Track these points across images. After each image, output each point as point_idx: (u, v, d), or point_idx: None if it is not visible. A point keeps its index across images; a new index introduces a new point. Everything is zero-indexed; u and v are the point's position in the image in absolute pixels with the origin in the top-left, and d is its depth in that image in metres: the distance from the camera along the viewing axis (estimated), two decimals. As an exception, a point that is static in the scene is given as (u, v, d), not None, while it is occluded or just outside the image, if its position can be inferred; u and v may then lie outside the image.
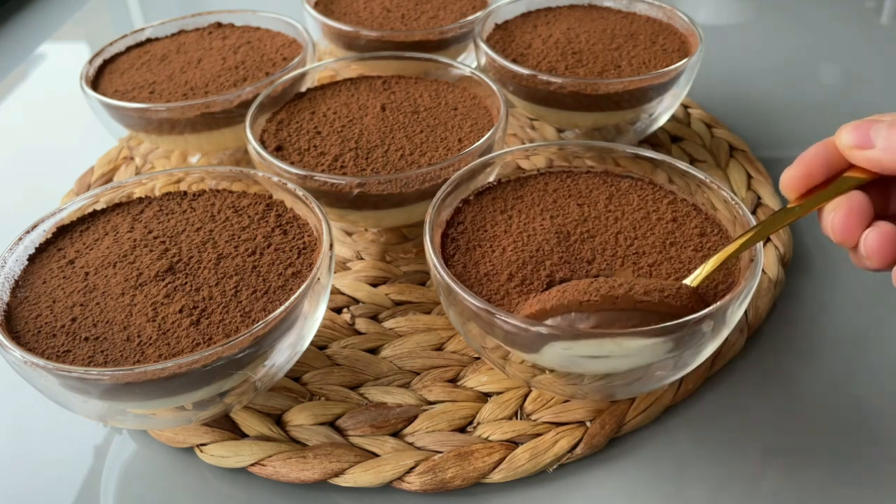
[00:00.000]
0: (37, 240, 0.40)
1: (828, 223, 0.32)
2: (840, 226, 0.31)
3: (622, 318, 0.33)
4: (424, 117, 0.49)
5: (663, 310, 0.33)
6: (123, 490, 0.38)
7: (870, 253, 0.31)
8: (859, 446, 0.38)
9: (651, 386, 0.37)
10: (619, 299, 0.33)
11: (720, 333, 0.35)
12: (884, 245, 0.30)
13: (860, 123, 0.32)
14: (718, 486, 0.37)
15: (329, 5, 0.65)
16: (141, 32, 0.60)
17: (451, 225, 0.40)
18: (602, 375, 0.37)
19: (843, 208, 0.31)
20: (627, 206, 0.41)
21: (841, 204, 0.31)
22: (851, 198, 0.31)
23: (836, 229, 0.32)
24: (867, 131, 0.31)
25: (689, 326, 0.32)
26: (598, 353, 0.32)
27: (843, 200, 0.32)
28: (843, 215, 0.31)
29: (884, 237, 0.30)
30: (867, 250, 0.31)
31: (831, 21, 0.83)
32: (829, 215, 0.32)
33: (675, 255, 0.37)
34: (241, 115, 0.50)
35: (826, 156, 0.33)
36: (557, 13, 0.60)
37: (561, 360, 0.33)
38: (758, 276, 0.34)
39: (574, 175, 0.43)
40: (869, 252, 0.31)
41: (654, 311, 0.33)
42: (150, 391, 0.33)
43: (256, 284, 0.36)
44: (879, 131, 0.31)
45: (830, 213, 0.32)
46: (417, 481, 0.37)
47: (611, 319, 0.33)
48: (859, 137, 0.31)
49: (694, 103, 0.64)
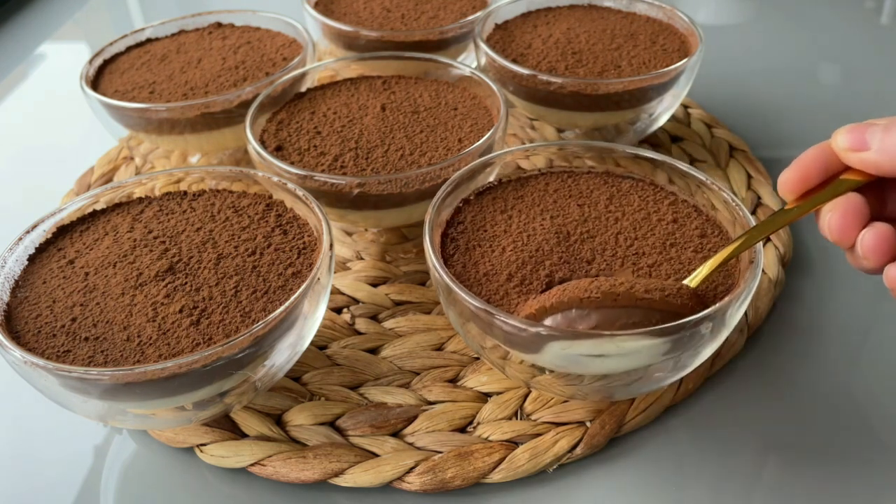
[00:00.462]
0: (37, 240, 0.40)
1: (825, 224, 0.32)
2: (837, 226, 0.32)
3: (623, 315, 0.33)
4: (424, 117, 0.49)
5: (664, 308, 0.33)
6: (123, 490, 0.38)
7: (866, 253, 0.31)
8: (859, 446, 0.38)
9: (651, 387, 0.37)
10: (619, 296, 0.33)
11: (719, 335, 0.35)
12: (880, 245, 0.31)
13: (856, 126, 0.32)
14: (718, 485, 0.37)
15: (329, 5, 0.65)
16: (141, 32, 0.60)
17: (451, 225, 0.40)
18: (601, 376, 0.37)
19: (840, 209, 0.32)
20: (628, 207, 0.41)
21: (838, 205, 0.32)
22: (848, 199, 0.32)
23: (834, 230, 0.32)
24: (863, 134, 0.32)
25: (688, 328, 0.32)
26: (597, 353, 0.33)
27: (840, 202, 0.32)
28: (839, 216, 0.32)
29: (880, 237, 0.31)
30: (864, 250, 0.31)
31: (831, 21, 0.83)
32: (826, 216, 0.32)
33: (676, 256, 0.37)
34: (241, 115, 0.50)
35: (823, 158, 0.33)
36: (557, 13, 0.60)
37: (560, 359, 0.33)
38: (757, 277, 0.34)
39: (574, 175, 0.43)
40: (865, 252, 0.31)
41: (655, 309, 0.33)
42: (150, 391, 0.33)
43: (256, 284, 0.36)
44: (875, 134, 0.31)
45: (828, 213, 0.32)
46: (417, 481, 0.37)
47: (611, 317, 0.33)
48: (855, 140, 0.32)
49: (694, 103, 0.64)
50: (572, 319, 0.33)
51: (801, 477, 0.37)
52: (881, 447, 0.38)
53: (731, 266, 0.37)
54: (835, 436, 0.39)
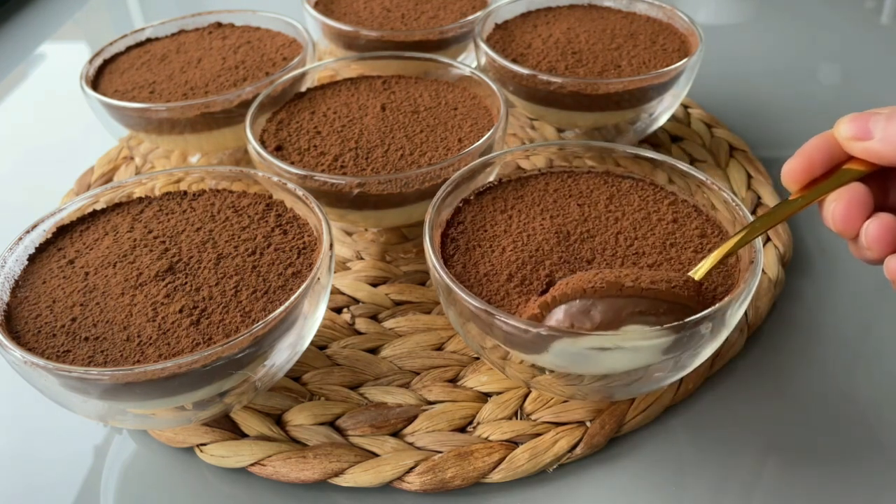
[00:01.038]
0: (37, 240, 0.40)
1: (829, 214, 0.32)
2: (841, 216, 0.32)
3: (629, 305, 0.33)
4: (424, 117, 0.49)
5: (670, 299, 0.33)
6: (123, 490, 0.38)
7: (870, 243, 0.31)
8: (859, 446, 0.38)
9: (651, 387, 0.37)
10: (624, 287, 0.33)
11: (719, 335, 0.35)
12: (884, 235, 0.31)
13: (859, 115, 0.32)
14: (718, 485, 0.37)
15: (329, 5, 0.65)
16: (141, 32, 0.60)
17: (451, 225, 0.40)
18: (601, 376, 0.37)
19: (844, 199, 0.32)
20: (628, 207, 0.41)
21: (842, 195, 0.32)
22: (852, 189, 0.32)
23: (838, 220, 0.32)
24: (866, 123, 0.32)
25: (689, 328, 0.32)
26: (602, 346, 0.32)
27: (844, 192, 0.32)
28: (844, 206, 0.32)
29: (884, 227, 0.31)
30: (868, 240, 0.31)
31: (831, 21, 0.83)
32: (829, 206, 0.32)
33: (675, 256, 0.37)
34: (241, 115, 0.50)
35: (826, 148, 0.33)
36: (557, 13, 0.60)
37: (562, 358, 0.33)
38: (757, 276, 0.34)
39: (574, 175, 0.43)
40: (870, 242, 0.31)
41: (661, 300, 0.33)
42: (150, 391, 0.33)
43: (256, 284, 0.36)
44: (878, 123, 0.31)
45: (831, 203, 0.32)
46: (417, 481, 0.37)
47: (617, 306, 0.33)
48: (858, 129, 0.32)
49: (694, 103, 0.64)
50: (577, 310, 0.33)
51: (801, 477, 0.37)
52: (881, 447, 0.38)
53: (730, 266, 0.37)
54: (835, 435, 0.39)
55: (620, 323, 0.32)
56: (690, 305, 0.33)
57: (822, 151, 0.33)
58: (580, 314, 0.33)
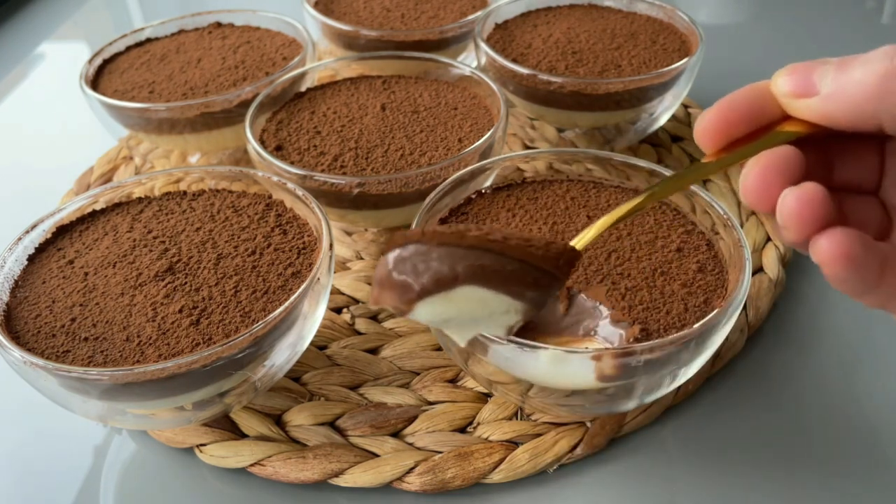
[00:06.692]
0: (36, 240, 0.40)
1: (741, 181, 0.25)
2: (752, 184, 0.25)
3: (469, 256, 0.28)
4: (424, 117, 0.49)
5: (518, 256, 0.28)
6: (123, 490, 0.38)
7: (786, 219, 0.24)
8: (859, 446, 0.38)
9: (623, 407, 0.36)
10: (466, 236, 0.28)
11: (704, 353, 0.34)
12: (803, 209, 0.23)
13: (800, 66, 0.26)
14: (719, 485, 0.37)
15: (329, 5, 0.65)
16: (141, 32, 0.60)
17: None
18: (598, 390, 0.35)
19: (761, 163, 0.25)
20: (638, 227, 0.39)
21: (760, 159, 0.25)
22: (777, 152, 0.25)
23: (749, 190, 0.25)
24: (809, 76, 0.25)
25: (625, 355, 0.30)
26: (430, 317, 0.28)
27: (766, 155, 0.25)
28: (758, 171, 0.25)
29: (805, 199, 0.23)
30: (783, 215, 0.24)
31: (831, 21, 0.83)
32: (744, 172, 0.25)
33: (659, 286, 0.35)
34: (240, 115, 0.50)
35: (756, 102, 0.27)
36: (557, 13, 0.60)
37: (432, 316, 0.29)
38: (742, 301, 0.33)
39: (599, 187, 0.42)
40: (785, 218, 0.24)
41: (509, 257, 0.28)
42: (149, 391, 0.33)
43: (256, 284, 0.36)
44: (826, 75, 0.25)
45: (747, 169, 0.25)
46: (417, 481, 0.37)
47: (455, 257, 0.28)
48: (799, 83, 0.26)
49: (694, 103, 0.64)
50: (410, 253, 0.28)
51: (801, 477, 0.37)
52: (881, 447, 0.38)
53: (709, 283, 0.35)
54: (835, 436, 0.39)
55: (456, 280, 0.27)
56: (547, 270, 0.28)
57: (747, 106, 0.26)
58: (415, 257, 0.28)
